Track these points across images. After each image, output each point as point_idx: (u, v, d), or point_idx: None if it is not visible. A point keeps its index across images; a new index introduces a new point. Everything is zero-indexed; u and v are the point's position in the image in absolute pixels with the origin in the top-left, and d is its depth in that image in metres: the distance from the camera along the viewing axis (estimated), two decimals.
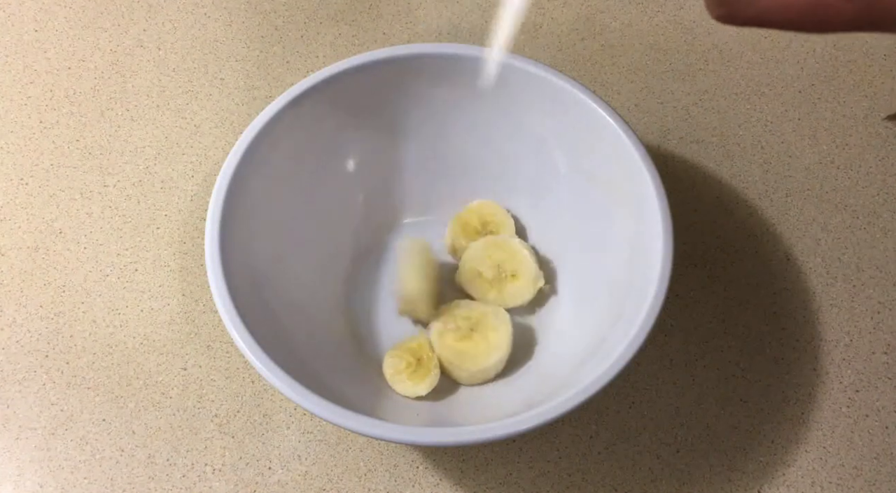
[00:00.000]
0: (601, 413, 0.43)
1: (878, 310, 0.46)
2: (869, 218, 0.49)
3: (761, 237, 0.48)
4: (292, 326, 0.40)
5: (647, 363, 0.44)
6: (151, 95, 0.52)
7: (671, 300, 0.46)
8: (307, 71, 0.53)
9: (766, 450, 0.43)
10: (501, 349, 0.41)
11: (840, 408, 0.44)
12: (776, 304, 0.46)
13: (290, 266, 0.42)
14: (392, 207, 0.47)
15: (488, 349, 0.41)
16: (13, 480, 0.41)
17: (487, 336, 0.41)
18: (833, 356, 0.45)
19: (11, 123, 0.51)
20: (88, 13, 0.55)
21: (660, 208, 0.38)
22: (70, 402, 0.43)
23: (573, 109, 0.41)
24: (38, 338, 0.45)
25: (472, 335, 0.41)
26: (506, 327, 0.42)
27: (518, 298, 0.43)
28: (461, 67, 0.42)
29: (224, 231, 0.38)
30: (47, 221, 0.48)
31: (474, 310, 0.42)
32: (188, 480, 0.42)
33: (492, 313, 0.42)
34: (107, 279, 0.46)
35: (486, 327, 0.42)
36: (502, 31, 0.23)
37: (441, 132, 0.45)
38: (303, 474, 0.42)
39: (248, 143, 0.40)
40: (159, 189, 0.49)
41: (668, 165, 0.50)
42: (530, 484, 0.42)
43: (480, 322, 0.42)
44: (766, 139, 0.51)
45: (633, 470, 0.42)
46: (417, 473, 0.42)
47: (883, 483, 0.42)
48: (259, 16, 0.55)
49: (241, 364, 0.44)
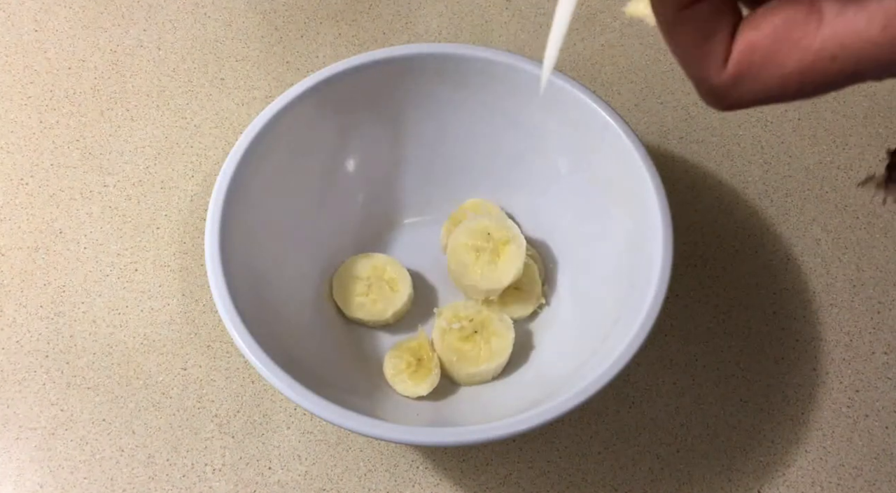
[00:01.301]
0: (601, 413, 0.43)
1: (878, 310, 0.46)
2: (869, 218, 0.49)
3: (761, 237, 0.48)
4: (292, 326, 0.40)
5: (647, 363, 0.44)
6: (151, 94, 0.52)
7: (671, 300, 0.46)
8: (307, 71, 0.53)
9: (766, 450, 0.43)
10: (502, 356, 0.41)
11: (840, 408, 0.44)
12: (776, 304, 0.46)
13: (290, 266, 0.42)
14: (392, 207, 0.47)
15: (490, 354, 0.41)
16: (13, 480, 0.41)
17: (490, 341, 0.41)
18: (833, 356, 0.45)
19: (11, 123, 0.51)
20: (88, 13, 0.55)
21: (660, 208, 0.38)
22: (70, 402, 0.43)
23: (573, 109, 0.41)
24: (38, 338, 0.45)
25: (475, 337, 0.41)
26: (509, 335, 0.42)
27: (519, 309, 0.43)
28: (461, 67, 0.42)
29: (224, 231, 0.38)
30: (47, 221, 0.48)
31: (480, 312, 0.42)
32: (188, 480, 0.42)
33: (497, 318, 0.42)
34: (107, 279, 0.46)
35: (490, 332, 0.42)
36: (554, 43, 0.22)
37: (441, 132, 0.45)
38: (303, 474, 0.42)
39: (248, 143, 0.40)
40: (159, 189, 0.49)
41: (668, 165, 0.50)
42: (530, 484, 0.42)
43: (485, 326, 0.42)
44: (766, 139, 0.51)
45: (633, 470, 0.42)
46: (417, 473, 0.42)
47: (883, 483, 0.42)
48: (259, 16, 0.55)
49: (241, 364, 0.44)
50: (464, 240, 0.43)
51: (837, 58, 0.20)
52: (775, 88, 0.21)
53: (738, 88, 0.22)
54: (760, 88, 0.22)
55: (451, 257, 0.43)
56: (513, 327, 0.42)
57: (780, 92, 0.21)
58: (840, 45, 0.20)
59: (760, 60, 0.21)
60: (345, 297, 0.43)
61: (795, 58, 0.21)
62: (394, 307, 0.43)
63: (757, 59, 0.21)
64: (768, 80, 0.21)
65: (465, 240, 0.43)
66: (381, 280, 0.43)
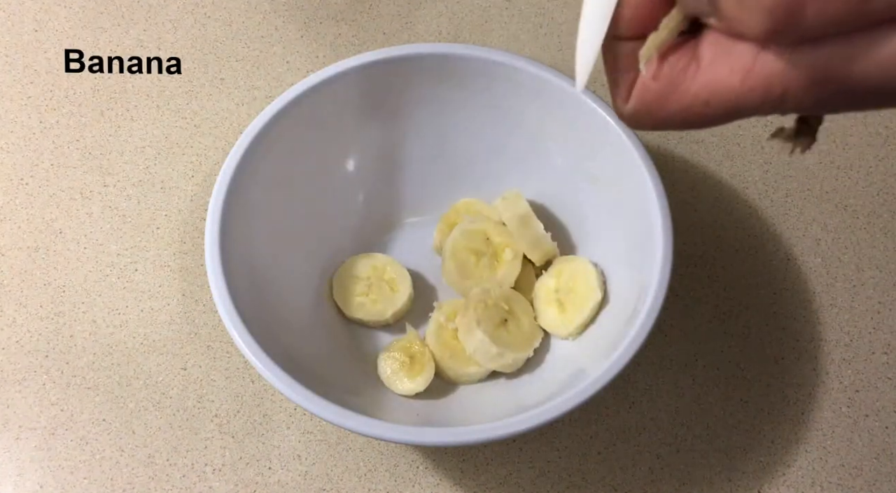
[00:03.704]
0: (601, 413, 0.43)
1: (878, 310, 0.46)
2: (869, 218, 0.49)
3: (761, 237, 0.48)
4: (292, 326, 0.40)
5: (647, 363, 0.44)
6: (151, 95, 0.52)
7: (671, 300, 0.46)
8: (307, 71, 0.53)
9: (766, 450, 0.43)
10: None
11: (840, 408, 0.44)
12: (776, 304, 0.46)
13: (290, 266, 0.42)
14: (392, 207, 0.47)
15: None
16: (13, 480, 0.41)
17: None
18: (833, 356, 0.45)
19: (11, 123, 0.51)
20: (88, 13, 0.55)
21: (660, 208, 0.38)
22: (70, 402, 0.43)
23: (573, 109, 0.41)
24: (38, 338, 0.45)
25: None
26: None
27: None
28: (461, 67, 0.42)
29: (224, 231, 0.38)
30: (47, 221, 0.48)
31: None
32: (188, 480, 0.42)
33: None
34: (107, 279, 0.46)
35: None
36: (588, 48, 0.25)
37: (441, 132, 0.45)
38: (303, 474, 0.42)
39: (249, 143, 0.40)
40: (159, 189, 0.49)
41: (668, 165, 0.50)
42: (530, 484, 0.42)
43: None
44: (766, 139, 0.51)
45: (633, 470, 0.42)
46: (417, 473, 0.42)
47: (883, 483, 0.42)
48: (259, 16, 0.55)
49: (241, 364, 0.44)
50: (463, 243, 0.43)
51: (710, 103, 0.23)
52: (666, 123, 0.24)
53: (638, 119, 0.25)
54: (654, 122, 0.25)
55: (451, 259, 0.43)
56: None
57: (671, 125, 0.24)
58: (711, 92, 0.23)
59: (652, 100, 0.24)
60: (345, 297, 0.43)
61: (676, 101, 0.23)
62: (394, 307, 0.43)
63: (649, 99, 0.24)
64: (660, 116, 0.24)
65: (465, 243, 0.43)
66: (381, 280, 0.44)
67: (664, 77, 0.23)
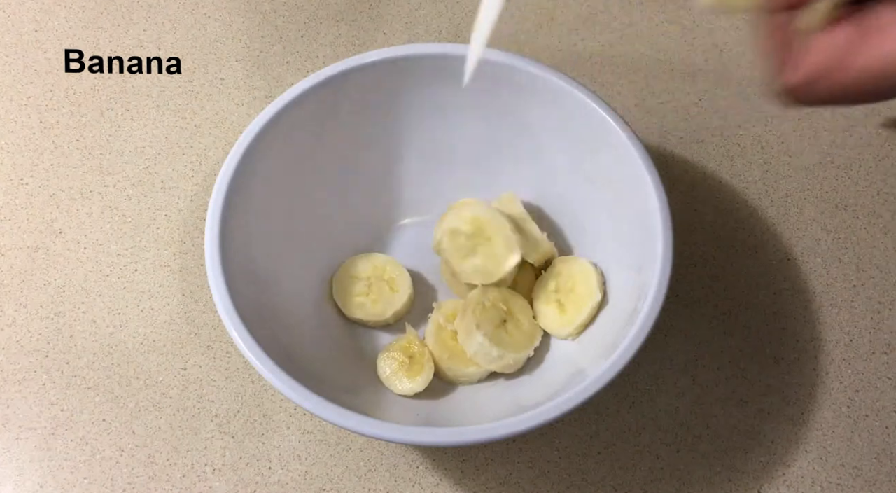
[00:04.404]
0: (601, 413, 0.43)
1: (878, 310, 0.46)
2: (869, 218, 0.49)
3: (761, 237, 0.48)
4: (292, 326, 0.40)
5: (647, 363, 0.44)
6: (151, 94, 0.52)
7: (671, 300, 0.45)
8: (307, 71, 0.53)
9: (766, 450, 0.43)
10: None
11: (840, 408, 0.44)
12: (776, 304, 0.46)
13: (290, 266, 0.42)
14: (392, 208, 0.47)
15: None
16: (13, 480, 0.41)
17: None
18: (833, 356, 0.45)
19: (11, 123, 0.51)
20: (88, 13, 0.55)
21: (660, 209, 0.38)
22: (70, 402, 0.43)
23: (573, 109, 0.41)
24: (38, 338, 0.45)
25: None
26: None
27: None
28: (461, 68, 0.42)
29: (224, 231, 0.38)
30: (47, 222, 0.48)
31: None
32: (188, 480, 0.42)
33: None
34: (107, 279, 0.46)
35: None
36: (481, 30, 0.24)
37: (440, 132, 0.45)
38: (303, 474, 0.42)
39: (249, 143, 0.40)
40: (159, 189, 0.49)
41: (668, 165, 0.50)
42: (530, 484, 0.42)
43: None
44: (766, 139, 0.51)
45: (633, 470, 0.42)
46: (417, 473, 0.42)
47: (883, 483, 0.42)
48: (259, 16, 0.55)
49: (241, 364, 0.44)
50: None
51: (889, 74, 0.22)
52: (838, 96, 0.24)
53: (809, 91, 0.24)
54: (827, 93, 0.24)
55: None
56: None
57: (844, 99, 0.24)
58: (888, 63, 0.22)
59: (821, 71, 0.23)
60: (345, 297, 0.43)
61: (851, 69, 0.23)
62: (394, 307, 0.43)
63: (819, 69, 0.23)
64: (833, 87, 0.23)
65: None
66: (381, 280, 0.44)
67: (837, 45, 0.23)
